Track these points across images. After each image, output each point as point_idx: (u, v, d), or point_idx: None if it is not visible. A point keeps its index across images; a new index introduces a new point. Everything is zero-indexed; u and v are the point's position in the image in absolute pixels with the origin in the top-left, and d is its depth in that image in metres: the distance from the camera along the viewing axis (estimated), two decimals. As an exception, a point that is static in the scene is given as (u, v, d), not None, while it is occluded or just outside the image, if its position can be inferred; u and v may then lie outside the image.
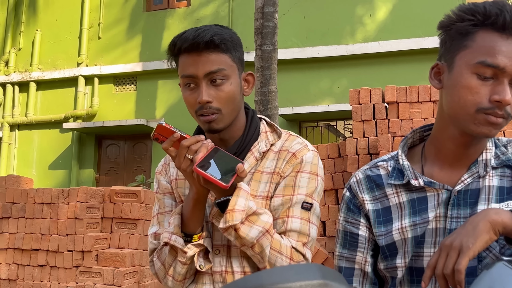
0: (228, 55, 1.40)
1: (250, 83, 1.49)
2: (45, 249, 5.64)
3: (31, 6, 12.04)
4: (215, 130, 1.39)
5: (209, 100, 1.35)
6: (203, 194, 1.34)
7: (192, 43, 1.35)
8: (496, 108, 1.10)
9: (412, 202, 1.24)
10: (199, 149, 1.28)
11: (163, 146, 1.31)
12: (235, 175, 1.26)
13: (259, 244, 1.30)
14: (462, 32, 1.15)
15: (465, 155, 1.22)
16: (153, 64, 10.72)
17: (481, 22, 1.12)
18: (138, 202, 5.65)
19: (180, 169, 1.31)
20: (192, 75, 1.37)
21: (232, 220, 1.27)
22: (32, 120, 11.40)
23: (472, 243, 1.01)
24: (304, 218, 1.39)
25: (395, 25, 9.35)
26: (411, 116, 5.01)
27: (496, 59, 1.09)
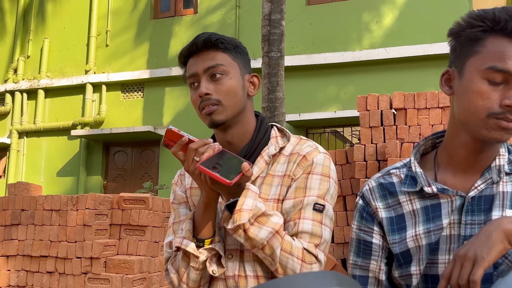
0: (227, 54, 1.45)
1: (255, 84, 1.52)
2: (54, 255, 5.66)
3: (40, 14, 12.14)
4: (216, 122, 1.41)
5: (208, 92, 1.39)
6: (213, 197, 1.35)
7: (191, 45, 1.44)
8: (507, 113, 1.10)
9: (426, 209, 1.24)
10: (206, 151, 1.29)
11: (172, 150, 1.33)
12: (241, 173, 1.27)
13: (269, 245, 1.30)
14: (472, 39, 1.16)
15: (478, 161, 1.22)
16: (161, 71, 10.76)
17: (491, 28, 1.13)
18: (146, 209, 5.67)
19: (189, 173, 1.32)
20: (193, 73, 1.43)
21: (240, 219, 1.27)
22: (40, 127, 11.46)
23: (487, 254, 1.01)
24: (316, 219, 1.38)
25: (402, 31, 9.35)
26: (419, 123, 5.00)
27: (506, 64, 1.10)
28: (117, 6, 11.55)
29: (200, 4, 10.93)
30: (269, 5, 6.14)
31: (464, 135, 1.21)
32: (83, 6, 11.76)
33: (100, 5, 11.65)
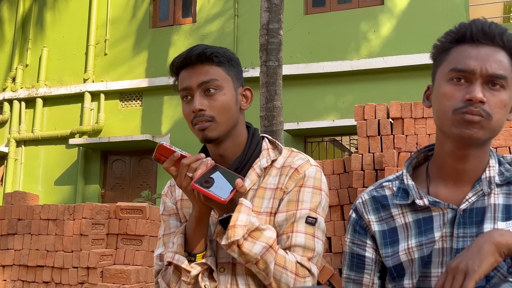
0: (221, 68, 1.44)
1: (248, 98, 1.51)
2: (51, 265, 5.63)
3: (39, 23, 12.17)
4: (209, 138, 1.40)
5: (202, 108, 1.38)
6: (205, 212, 1.35)
7: (185, 57, 1.42)
8: (470, 106, 1.14)
9: (418, 222, 1.24)
10: (198, 166, 1.29)
11: (164, 166, 1.32)
12: (234, 190, 1.27)
13: (263, 260, 1.30)
14: (441, 51, 1.24)
15: (466, 172, 1.23)
16: (159, 80, 10.78)
17: (456, 39, 1.21)
18: (143, 218, 5.65)
19: (181, 188, 1.32)
20: (186, 87, 1.42)
21: (234, 235, 1.27)
22: (38, 136, 11.45)
23: (478, 266, 1.02)
24: (308, 232, 1.39)
25: (399, 40, 9.38)
26: (416, 132, 5.00)
27: (465, 64, 1.17)
28: (116, 15, 11.59)
29: (199, 13, 10.97)
30: (267, 14, 6.16)
31: (448, 143, 1.23)
32: (82, 15, 11.79)
33: (99, 14, 11.69)
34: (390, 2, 9.60)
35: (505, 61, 1.18)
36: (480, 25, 1.19)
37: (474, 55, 1.17)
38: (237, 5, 10.62)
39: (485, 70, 1.16)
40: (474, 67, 1.16)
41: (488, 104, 1.15)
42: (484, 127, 1.15)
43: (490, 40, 1.18)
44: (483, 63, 1.16)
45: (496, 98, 1.16)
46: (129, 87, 11.06)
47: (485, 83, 1.16)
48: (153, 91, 10.95)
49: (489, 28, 1.18)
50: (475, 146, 1.20)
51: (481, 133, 1.15)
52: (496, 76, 1.16)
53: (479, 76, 1.16)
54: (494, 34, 1.18)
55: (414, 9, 9.42)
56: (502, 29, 1.19)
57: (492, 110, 1.15)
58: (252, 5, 10.14)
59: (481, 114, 1.14)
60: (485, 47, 1.18)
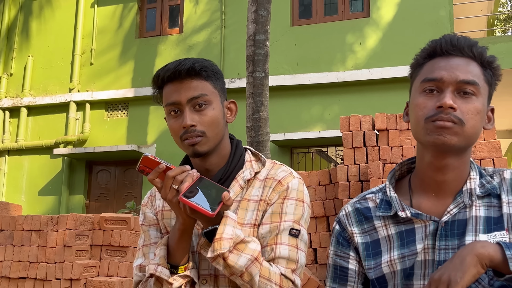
0: (209, 82, 1.44)
1: (232, 111, 1.53)
2: (33, 277, 5.56)
3: (24, 32, 12.10)
4: (199, 153, 1.41)
5: (193, 123, 1.38)
6: (190, 224, 1.34)
7: (174, 71, 1.41)
8: (440, 113, 1.16)
9: (401, 234, 1.25)
10: (184, 179, 1.29)
11: (149, 178, 1.31)
12: (221, 203, 1.27)
13: (248, 272, 1.29)
14: (416, 67, 1.29)
15: (446, 183, 1.24)
16: (145, 90, 10.75)
17: (428, 55, 1.25)
18: (128, 229, 5.61)
19: (166, 200, 1.31)
20: (175, 102, 1.41)
21: (220, 248, 1.26)
22: (22, 146, 11.34)
23: (460, 277, 1.03)
24: (292, 244, 1.39)
25: (385, 52, 9.47)
26: (401, 143, 5.04)
27: (434, 73, 1.20)
28: (102, 25, 11.56)
29: (185, 24, 10.98)
30: (253, 25, 6.19)
31: (427, 154, 1.24)
32: (68, 24, 11.75)
33: (85, 23, 11.65)
34: (376, 15, 9.71)
35: (475, 70, 1.21)
36: (449, 39, 1.23)
37: (444, 65, 1.21)
38: (224, 16, 10.66)
39: (455, 77, 1.18)
40: (443, 75, 1.19)
41: (460, 110, 1.17)
42: (457, 133, 1.16)
43: (460, 52, 1.21)
44: (452, 71, 1.19)
45: (468, 105, 1.18)
46: (114, 97, 11.01)
47: (456, 91, 1.18)
48: (139, 101, 10.91)
49: (458, 41, 1.22)
50: (452, 154, 1.20)
51: (455, 140, 1.16)
52: (466, 82, 1.18)
53: (449, 83, 1.18)
54: (462, 46, 1.21)
55: (399, 21, 9.52)
56: (471, 42, 1.23)
57: (464, 116, 1.16)
58: (239, 16, 10.18)
59: (453, 120, 1.16)
60: (455, 58, 1.21)
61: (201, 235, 1.34)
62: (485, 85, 1.21)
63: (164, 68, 1.44)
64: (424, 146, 1.23)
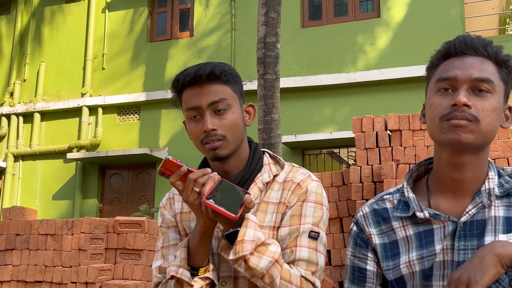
0: (228, 86, 1.45)
1: (251, 114, 1.54)
2: (49, 281, 5.61)
3: (36, 38, 12.21)
4: (220, 157, 1.42)
5: (214, 128, 1.39)
6: (210, 226, 1.36)
7: (194, 76, 1.41)
8: (455, 111, 1.16)
9: (419, 235, 1.25)
10: (206, 181, 1.30)
11: (170, 180, 1.33)
12: (243, 206, 1.28)
13: (269, 274, 1.30)
14: (431, 69, 1.29)
15: (464, 182, 1.24)
16: (157, 93, 10.80)
17: (443, 56, 1.25)
18: (142, 233, 5.64)
19: (187, 203, 1.32)
20: (196, 106, 1.42)
21: (242, 251, 1.27)
22: (36, 151, 11.43)
23: (480, 277, 1.03)
24: (311, 247, 1.41)
25: (396, 53, 9.43)
26: (414, 144, 5.01)
27: (449, 72, 1.21)
28: (114, 30, 11.64)
29: (196, 27, 11.02)
30: (264, 28, 6.20)
31: (443, 154, 1.24)
32: (80, 29, 11.84)
33: (97, 29, 11.73)
34: (387, 15, 9.68)
35: (490, 69, 1.20)
36: (463, 39, 1.23)
37: (458, 64, 1.21)
38: (234, 19, 10.68)
39: (469, 75, 1.18)
40: (457, 74, 1.19)
41: (475, 108, 1.16)
42: (473, 131, 1.16)
43: (474, 51, 1.21)
44: (466, 69, 1.20)
45: (483, 102, 1.17)
46: (126, 101, 11.07)
47: (471, 89, 1.18)
48: (150, 105, 10.96)
49: (472, 41, 1.22)
50: (469, 152, 1.20)
51: (471, 137, 1.16)
52: (481, 79, 1.18)
53: (463, 82, 1.19)
54: (477, 45, 1.21)
55: (410, 21, 9.49)
56: (486, 41, 1.23)
57: (479, 113, 1.16)
58: (249, 19, 10.20)
59: (468, 118, 1.15)
60: (469, 57, 1.22)
61: (221, 237, 1.35)
62: (500, 83, 1.21)
63: (183, 72, 1.45)
64: (440, 146, 1.23)
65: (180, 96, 1.48)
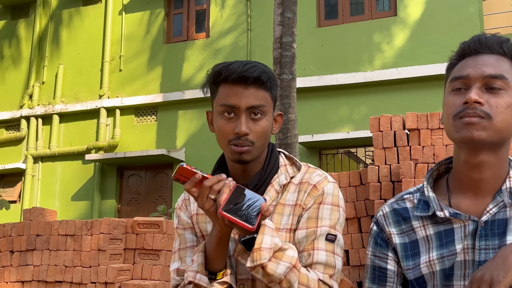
0: (269, 93, 1.43)
1: (278, 123, 1.52)
2: (69, 281, 5.67)
3: (55, 40, 12.36)
4: (244, 161, 1.40)
5: (247, 132, 1.37)
6: (227, 232, 1.35)
7: (241, 76, 1.37)
8: (467, 109, 1.15)
9: (439, 234, 1.24)
10: (222, 189, 1.28)
11: (186, 187, 1.31)
12: (260, 214, 1.26)
13: (287, 279, 1.29)
14: (448, 69, 1.29)
15: (483, 182, 1.22)
16: (174, 94, 10.86)
17: (460, 56, 1.25)
18: (160, 233, 5.67)
19: (203, 210, 1.32)
20: (234, 105, 1.38)
21: (260, 259, 1.26)
22: (55, 152, 11.57)
23: (503, 277, 1.02)
24: (329, 250, 1.40)
25: (413, 51, 9.36)
26: (433, 143, 4.97)
27: (462, 71, 1.21)
28: (130, 31, 11.73)
29: (212, 28, 11.06)
30: (280, 28, 6.20)
31: (461, 153, 1.23)
32: (97, 32, 11.96)
33: (114, 31, 11.84)
34: (403, 13, 9.61)
35: (504, 66, 1.19)
36: (477, 38, 1.23)
37: (471, 63, 1.21)
38: (250, 20, 10.70)
39: (481, 72, 1.18)
40: (469, 72, 1.19)
41: (488, 104, 1.15)
42: (486, 128, 1.14)
43: (489, 49, 1.21)
44: (479, 67, 1.19)
45: (497, 99, 1.16)
46: (144, 103, 11.15)
47: (484, 87, 1.17)
48: (167, 106, 11.03)
49: (486, 39, 1.21)
50: (486, 151, 1.19)
51: (484, 134, 1.14)
52: (493, 76, 1.17)
53: (475, 79, 1.18)
54: (491, 43, 1.21)
55: (427, 19, 9.40)
56: (501, 39, 1.21)
57: (492, 110, 1.15)
58: (265, 19, 10.20)
59: (479, 115, 1.14)
60: (483, 56, 1.21)
61: (237, 241, 1.34)
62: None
63: (227, 66, 1.40)
64: (458, 145, 1.23)
65: (215, 87, 1.44)
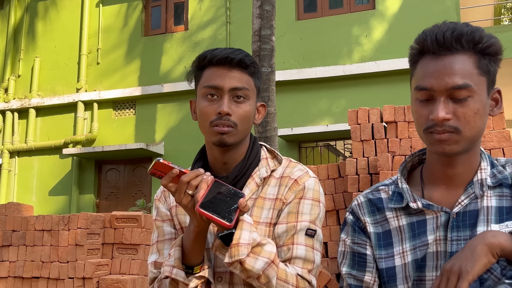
0: (252, 79, 1.45)
1: (260, 113, 1.53)
2: (46, 276, 5.60)
3: (30, 33, 12.15)
4: (226, 143, 1.40)
5: (230, 112, 1.38)
6: (204, 227, 1.34)
7: (225, 57, 1.40)
8: (436, 126, 1.14)
9: (412, 225, 1.25)
10: (199, 184, 1.27)
11: (162, 183, 1.30)
12: (238, 210, 1.25)
13: (265, 275, 1.29)
14: (412, 63, 1.25)
15: (456, 176, 1.23)
16: (152, 88, 10.78)
17: (419, 51, 1.21)
18: (138, 227, 5.63)
19: (181, 205, 1.30)
20: (217, 86, 1.40)
21: (238, 254, 1.25)
22: (31, 147, 11.41)
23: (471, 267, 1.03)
24: (308, 245, 1.40)
25: (391, 44, 9.42)
26: (410, 135, 5.01)
27: (425, 81, 1.16)
28: (108, 24, 11.59)
29: (190, 21, 10.98)
30: (259, 21, 6.18)
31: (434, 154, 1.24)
32: (74, 24, 11.79)
33: (91, 23, 11.68)
34: (382, 6, 9.66)
35: (467, 67, 1.15)
36: (434, 36, 1.17)
37: (432, 71, 1.16)
38: (229, 12, 10.65)
39: (444, 84, 1.14)
40: (432, 84, 1.15)
41: (456, 117, 1.14)
42: (457, 141, 1.15)
43: (448, 50, 1.16)
44: (441, 77, 1.14)
45: (464, 108, 1.14)
46: (122, 96, 11.05)
47: (449, 97, 1.14)
48: (146, 99, 10.94)
49: (444, 37, 1.16)
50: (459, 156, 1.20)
51: (456, 147, 1.15)
52: (457, 87, 1.13)
53: (440, 92, 1.15)
54: (450, 42, 1.15)
55: (405, 12, 9.47)
56: (459, 32, 1.16)
57: (460, 123, 1.14)
58: (244, 12, 10.17)
59: (448, 130, 1.14)
60: (444, 59, 1.16)
61: (216, 236, 1.33)
62: (480, 79, 1.16)
63: (212, 51, 1.43)
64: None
65: (200, 73, 1.46)
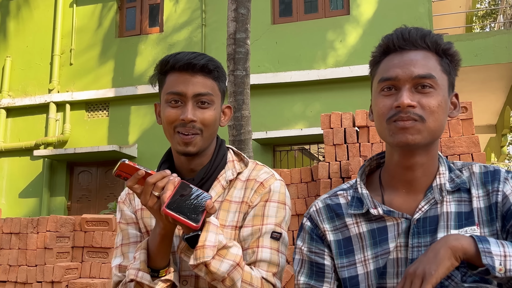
0: (216, 83, 1.43)
1: (226, 115, 1.52)
2: (13, 280, 5.49)
3: (1, 32, 11.93)
4: (190, 153, 1.39)
5: (194, 119, 1.36)
6: (171, 229, 1.32)
7: (188, 63, 1.38)
8: (400, 113, 1.16)
9: (373, 232, 1.25)
10: (166, 186, 1.25)
11: (128, 184, 1.28)
12: (205, 212, 1.24)
13: (230, 277, 1.28)
14: (373, 65, 1.27)
15: (416, 180, 1.24)
16: (126, 89, 10.68)
17: (384, 52, 1.24)
18: (109, 230, 5.56)
19: (146, 207, 1.28)
20: (181, 92, 1.38)
21: (203, 256, 1.24)
22: (1, 148, 11.18)
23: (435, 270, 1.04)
24: (273, 248, 1.40)
25: (365, 50, 9.51)
26: (381, 140, 5.06)
27: (389, 72, 1.19)
28: (82, 24, 11.45)
29: (166, 23, 10.92)
30: (234, 24, 6.17)
31: (395, 154, 1.24)
32: (47, 24, 11.61)
33: (64, 23, 11.52)
34: (356, 12, 9.76)
35: (431, 63, 1.19)
36: (400, 33, 1.21)
37: (398, 62, 1.20)
38: (204, 15, 10.62)
39: (410, 73, 1.17)
40: (398, 73, 1.18)
41: (420, 106, 1.16)
42: (420, 130, 1.16)
43: (413, 45, 1.20)
44: (406, 67, 1.18)
45: (427, 99, 1.17)
46: (95, 97, 10.92)
47: (413, 87, 1.17)
48: (119, 101, 10.83)
49: (409, 34, 1.20)
50: (420, 152, 1.20)
51: (419, 138, 1.16)
52: (422, 76, 1.17)
53: (405, 81, 1.17)
54: (415, 38, 1.20)
55: (379, 18, 9.58)
56: (424, 32, 1.21)
57: (425, 112, 1.16)
58: (219, 15, 10.16)
59: (413, 118, 1.15)
60: (409, 53, 1.20)
61: (181, 239, 1.31)
62: (443, 76, 1.20)
63: (175, 56, 1.41)
64: (391, 146, 1.23)
65: (163, 77, 1.44)
